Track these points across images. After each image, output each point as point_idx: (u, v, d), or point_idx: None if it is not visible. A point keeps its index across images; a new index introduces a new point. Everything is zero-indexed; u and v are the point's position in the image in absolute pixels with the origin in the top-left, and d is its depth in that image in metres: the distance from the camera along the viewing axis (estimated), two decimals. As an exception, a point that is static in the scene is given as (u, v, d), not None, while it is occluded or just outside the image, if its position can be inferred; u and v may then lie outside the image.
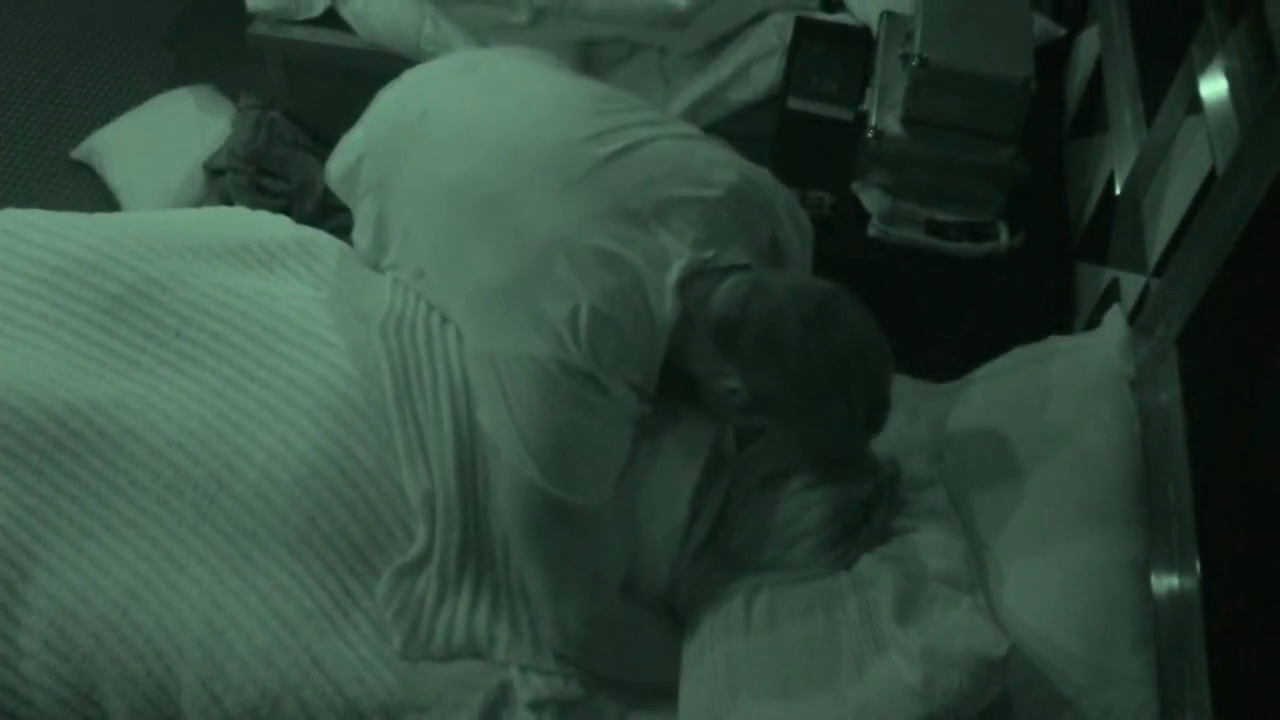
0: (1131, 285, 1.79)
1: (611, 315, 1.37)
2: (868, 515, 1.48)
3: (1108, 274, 1.94)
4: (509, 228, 1.42)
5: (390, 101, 1.70)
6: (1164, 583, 1.42)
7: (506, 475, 1.40)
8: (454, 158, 1.51)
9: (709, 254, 1.43)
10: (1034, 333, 1.79)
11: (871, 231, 2.12)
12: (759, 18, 2.58)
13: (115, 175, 2.89)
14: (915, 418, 1.70)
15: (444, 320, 1.58)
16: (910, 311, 2.12)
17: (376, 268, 1.70)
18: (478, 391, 1.44)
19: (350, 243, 1.78)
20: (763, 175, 1.57)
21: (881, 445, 1.55)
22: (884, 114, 2.13)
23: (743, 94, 2.60)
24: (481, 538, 1.48)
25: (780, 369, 1.39)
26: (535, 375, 1.35)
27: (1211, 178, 1.54)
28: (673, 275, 1.40)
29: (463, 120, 1.55)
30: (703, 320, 1.42)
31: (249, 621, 1.40)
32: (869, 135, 2.12)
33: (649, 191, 1.44)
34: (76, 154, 3.03)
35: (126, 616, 1.41)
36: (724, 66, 2.58)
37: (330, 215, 2.39)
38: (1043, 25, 2.41)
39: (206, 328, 1.55)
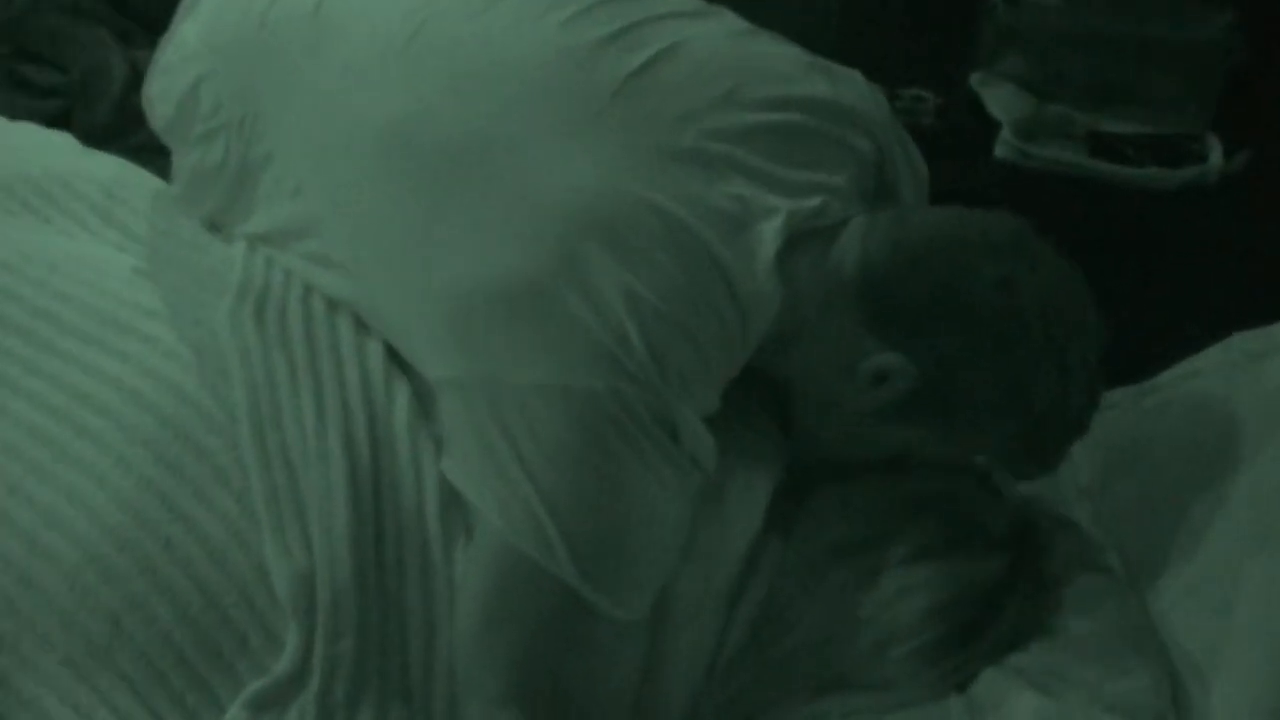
0: None
1: (681, 317, 1.21)
2: (997, 609, 1.30)
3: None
4: (502, 193, 1.26)
5: None
6: None
7: (496, 561, 1.23)
8: (387, 87, 1.33)
9: (814, 202, 1.27)
10: (1263, 310, 1.53)
11: (1000, 151, 1.93)
12: None
13: None
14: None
15: (332, 301, 1.37)
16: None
17: (224, 231, 1.49)
18: (452, 434, 1.27)
19: (161, 167, 1.55)
20: (856, 81, 1.41)
21: (1017, 491, 1.41)
22: (1023, -37, 1.99)
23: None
24: (390, 648, 1.26)
25: (973, 323, 1.24)
26: (577, 415, 1.19)
27: None
28: (768, 241, 1.24)
29: (390, 25, 1.37)
30: (825, 287, 1.27)
31: None
32: (998, -1, 1.95)
33: (704, 119, 1.27)
34: None
35: None
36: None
37: (134, 126, 1.85)
38: None
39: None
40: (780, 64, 1.37)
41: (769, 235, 1.25)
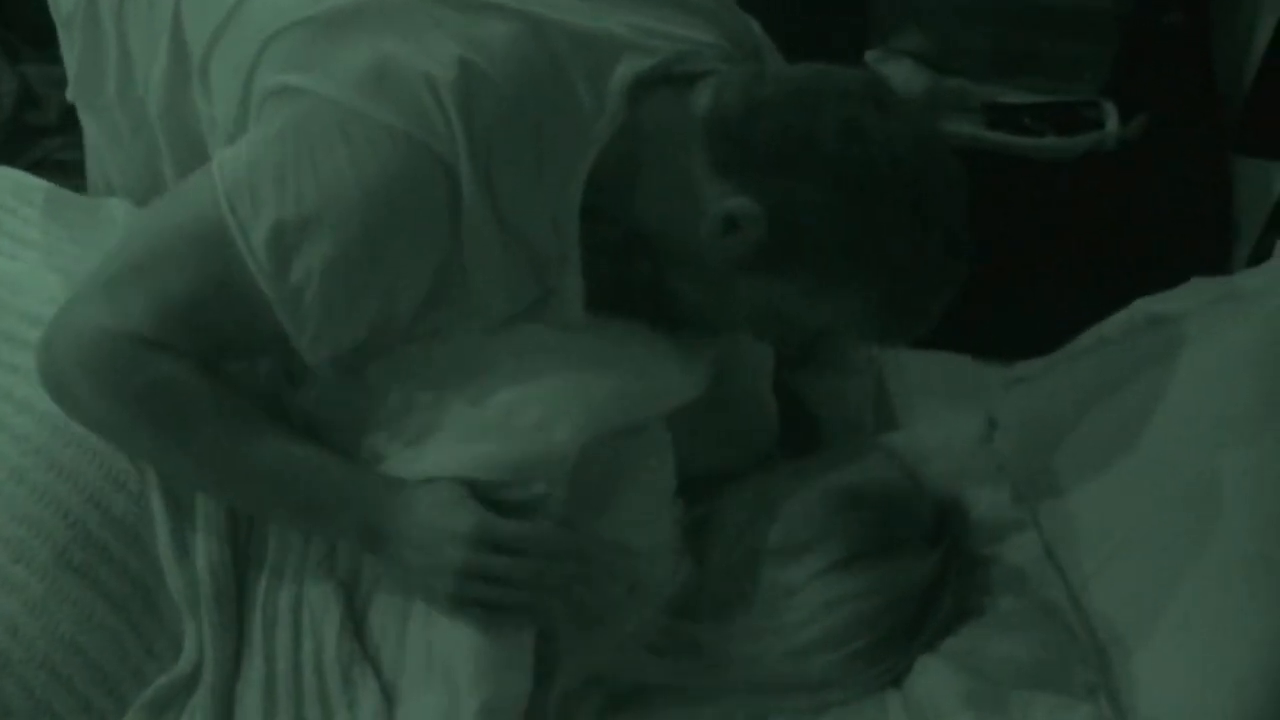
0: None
1: (503, 86, 1.22)
2: (933, 607, 1.32)
3: (1284, 174, 1.79)
4: None
5: None
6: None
7: (200, 195, 1.20)
8: None
9: (679, 47, 1.30)
10: (1165, 273, 1.54)
11: (899, 126, 1.97)
12: None
13: None
14: (989, 427, 1.54)
15: None
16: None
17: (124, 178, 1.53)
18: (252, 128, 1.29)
19: (61, 182, 1.57)
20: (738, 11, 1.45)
21: (938, 471, 1.44)
22: (914, -62, 1.97)
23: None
24: (272, 635, 1.30)
25: (822, 165, 1.24)
26: (356, 143, 1.20)
27: None
28: (623, 66, 1.27)
29: None
30: (675, 128, 1.28)
31: None
32: (892, -27, 1.94)
33: None
34: None
35: None
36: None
37: (31, 141, 1.95)
38: None
39: None
40: None
41: (625, 63, 1.26)
